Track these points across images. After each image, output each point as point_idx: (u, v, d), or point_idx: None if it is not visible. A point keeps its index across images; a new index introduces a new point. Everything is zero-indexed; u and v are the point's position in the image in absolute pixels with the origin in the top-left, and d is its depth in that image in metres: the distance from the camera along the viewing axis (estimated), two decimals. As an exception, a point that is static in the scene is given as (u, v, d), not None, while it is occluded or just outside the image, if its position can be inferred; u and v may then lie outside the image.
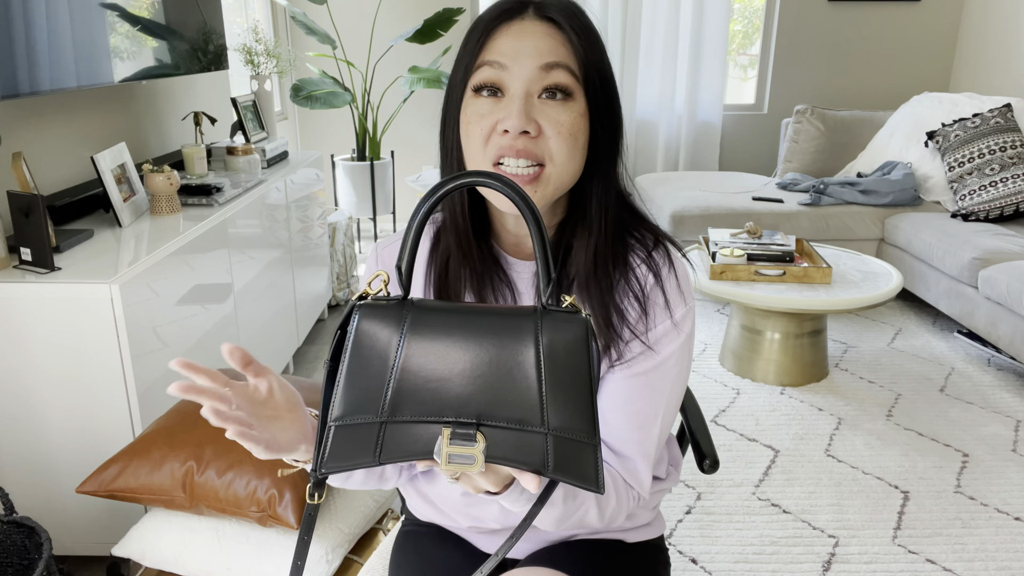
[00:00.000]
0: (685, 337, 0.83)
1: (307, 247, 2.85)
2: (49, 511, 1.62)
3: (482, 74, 0.75)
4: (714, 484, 2.06)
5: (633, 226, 0.85)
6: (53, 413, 1.55)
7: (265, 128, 3.04)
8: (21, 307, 1.49)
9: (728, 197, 3.49)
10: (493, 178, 0.59)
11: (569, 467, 0.56)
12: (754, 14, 4.39)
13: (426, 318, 0.58)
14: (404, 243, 0.61)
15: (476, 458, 0.55)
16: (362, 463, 0.57)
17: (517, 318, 0.58)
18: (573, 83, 0.75)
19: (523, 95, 0.74)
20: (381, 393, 0.57)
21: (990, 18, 3.94)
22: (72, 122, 2.03)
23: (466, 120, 0.77)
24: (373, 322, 0.58)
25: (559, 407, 0.56)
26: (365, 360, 0.58)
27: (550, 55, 0.74)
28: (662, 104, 4.28)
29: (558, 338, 0.57)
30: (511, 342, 0.57)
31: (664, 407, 0.84)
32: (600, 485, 0.56)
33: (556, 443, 0.56)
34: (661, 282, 0.83)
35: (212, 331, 1.93)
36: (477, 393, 0.56)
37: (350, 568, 1.30)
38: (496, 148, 0.74)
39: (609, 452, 0.84)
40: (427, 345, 0.57)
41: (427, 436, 0.57)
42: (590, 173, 0.80)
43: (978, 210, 3.11)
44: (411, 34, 3.20)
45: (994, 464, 2.16)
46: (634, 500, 0.85)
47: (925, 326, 3.17)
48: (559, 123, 0.74)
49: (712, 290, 2.49)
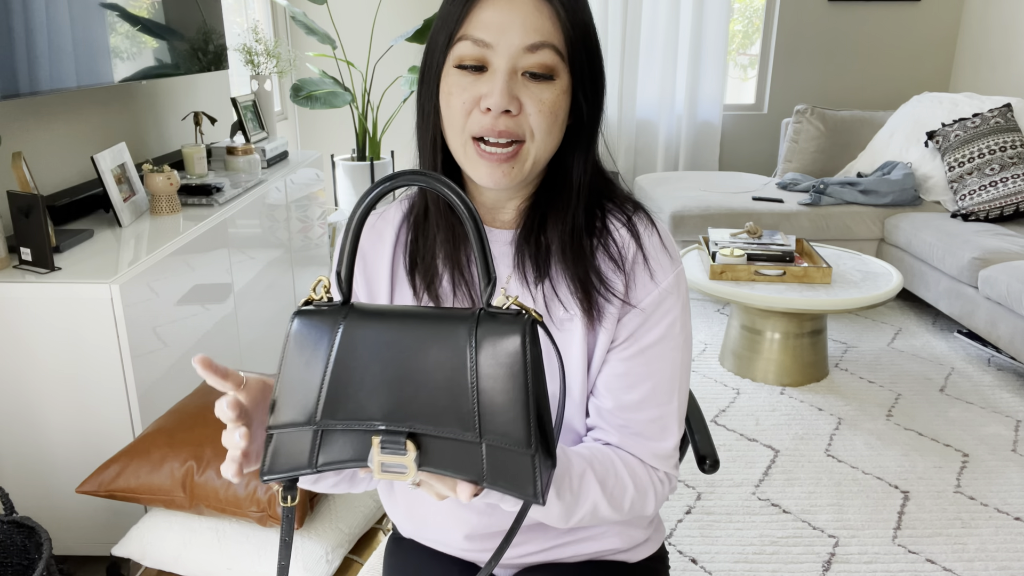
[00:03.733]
0: (682, 304, 0.81)
1: (307, 247, 2.85)
2: (49, 511, 1.62)
3: (465, 49, 0.72)
4: (714, 484, 2.06)
5: (609, 194, 0.84)
6: (53, 413, 1.55)
7: (265, 128, 3.04)
8: (21, 307, 1.49)
9: (728, 197, 3.49)
10: (433, 179, 0.56)
11: (505, 477, 0.55)
12: (754, 14, 4.39)
13: (361, 322, 0.57)
14: (342, 249, 0.59)
15: (408, 467, 0.54)
16: (301, 470, 0.57)
17: (454, 322, 0.56)
18: (558, 63, 0.73)
19: (506, 72, 0.71)
20: (315, 399, 0.56)
21: (990, 18, 3.94)
22: (72, 122, 2.03)
23: (446, 90, 0.75)
24: (308, 328, 0.57)
25: (495, 415, 0.54)
26: (300, 366, 0.57)
27: (536, 34, 0.71)
28: (662, 104, 4.28)
29: (495, 341, 0.54)
30: (447, 346, 0.55)
31: (679, 378, 0.82)
32: (538, 495, 0.54)
33: (490, 452, 0.55)
34: (642, 246, 0.81)
35: (212, 331, 1.93)
36: (410, 400, 0.55)
37: (350, 568, 1.30)
38: (477, 126, 0.73)
39: (632, 438, 0.81)
40: (361, 350, 0.56)
41: (361, 444, 0.56)
42: (571, 145, 0.79)
43: (978, 210, 3.11)
44: (411, 34, 3.20)
45: (994, 464, 2.16)
46: (660, 483, 0.82)
47: (925, 326, 3.17)
48: (541, 101, 0.73)
49: (712, 290, 2.49)
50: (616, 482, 0.78)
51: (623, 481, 0.78)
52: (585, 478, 0.75)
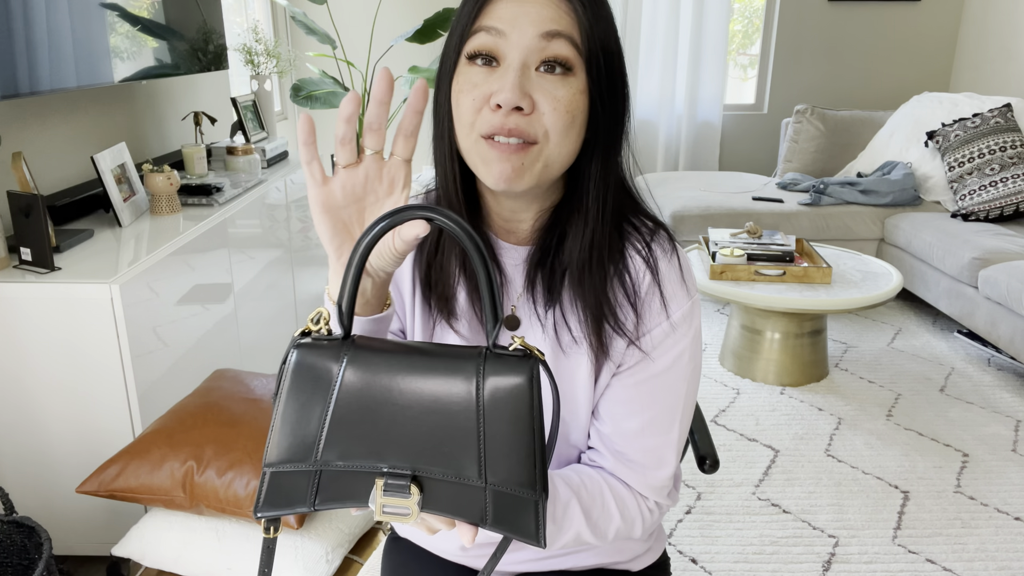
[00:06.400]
0: (692, 335, 0.79)
1: (307, 247, 2.85)
2: (49, 511, 1.62)
3: (477, 40, 0.69)
4: (714, 484, 2.06)
5: (632, 214, 0.80)
6: (53, 413, 1.55)
7: (265, 128, 3.04)
8: (21, 307, 1.49)
9: (728, 197, 3.49)
10: (439, 213, 0.55)
11: (508, 521, 0.54)
12: (754, 14, 4.39)
13: (365, 359, 0.55)
14: (344, 281, 0.57)
15: (411, 510, 0.53)
16: (297, 510, 0.56)
17: (460, 361, 0.54)
18: (574, 56, 0.69)
19: (519, 66, 0.67)
20: (315, 438, 0.55)
21: (990, 18, 3.94)
22: (72, 122, 2.03)
23: (457, 88, 0.71)
24: (309, 363, 0.55)
25: (499, 458, 0.53)
26: (299, 403, 0.55)
27: (552, 23, 0.68)
28: (662, 104, 4.28)
29: (501, 383, 0.53)
30: (452, 387, 0.53)
31: (682, 409, 0.80)
32: (540, 540, 0.54)
33: (495, 497, 0.54)
34: (659, 278, 0.77)
35: (212, 331, 1.93)
36: (415, 442, 0.54)
37: (350, 568, 1.30)
38: (487, 124, 0.68)
39: (624, 465, 0.80)
40: (364, 389, 0.54)
41: (362, 485, 0.55)
42: (589, 155, 0.74)
43: (978, 210, 3.11)
44: (411, 34, 3.20)
45: (994, 464, 2.16)
46: (648, 512, 0.81)
47: (925, 326, 3.17)
48: (556, 99, 0.68)
49: (712, 290, 2.49)
50: (602, 512, 0.77)
51: (609, 511, 0.78)
52: (570, 508, 0.74)
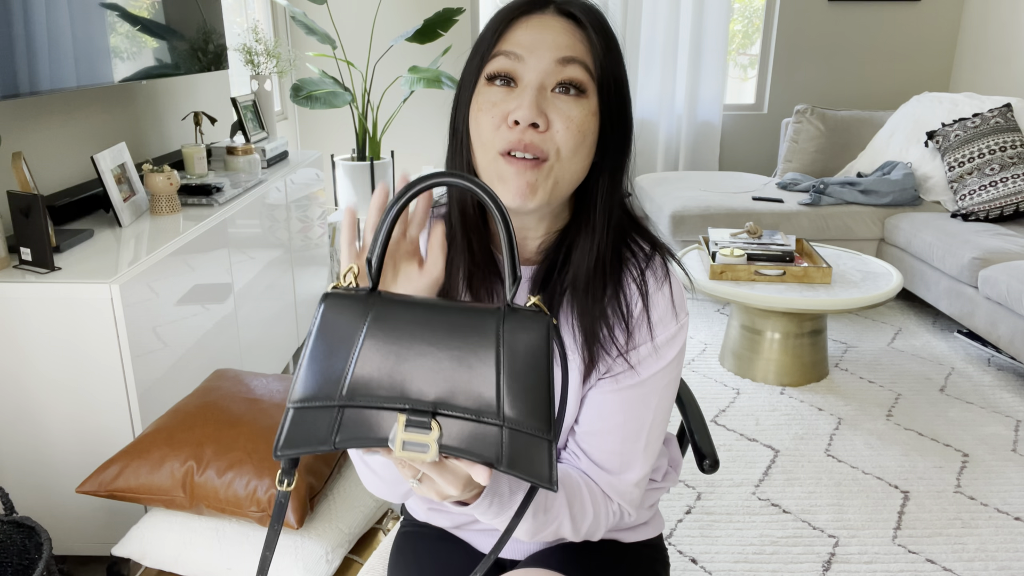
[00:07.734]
0: (674, 355, 0.83)
1: (307, 247, 2.85)
2: (49, 511, 1.62)
3: (497, 63, 0.75)
4: (714, 484, 2.06)
5: (631, 234, 0.85)
6: (53, 413, 1.55)
7: (265, 128, 3.04)
8: (21, 307, 1.49)
9: (728, 197, 3.49)
10: (469, 180, 0.60)
11: (523, 462, 0.56)
12: (754, 14, 4.39)
13: (390, 310, 0.59)
14: (376, 237, 0.62)
15: (430, 446, 0.55)
16: (318, 447, 0.57)
17: (481, 315, 0.59)
18: (588, 80, 0.74)
19: (536, 87, 0.73)
20: (340, 378, 0.58)
21: (990, 18, 3.94)
22: (72, 122, 2.03)
23: (477, 107, 0.76)
24: (338, 311, 0.59)
25: (516, 402, 0.56)
26: (327, 347, 0.58)
27: (568, 50, 0.74)
28: (662, 104, 4.28)
29: (520, 337, 0.58)
30: (473, 338, 0.57)
31: (651, 421, 0.83)
32: (553, 482, 0.56)
33: (511, 436, 0.56)
34: (649, 304, 0.82)
35: (212, 331, 1.93)
36: (435, 384, 0.57)
37: (350, 568, 1.30)
38: (504, 141, 0.74)
39: (592, 465, 0.83)
40: (389, 336, 0.58)
41: (383, 423, 0.57)
42: (596, 176, 0.79)
43: (978, 210, 3.11)
44: (411, 34, 3.20)
45: (994, 464, 2.16)
46: (614, 515, 0.85)
47: (925, 326, 3.17)
48: (569, 118, 0.73)
49: (712, 290, 2.49)
50: (580, 507, 0.81)
51: (585, 506, 0.81)
52: (558, 499, 0.78)
